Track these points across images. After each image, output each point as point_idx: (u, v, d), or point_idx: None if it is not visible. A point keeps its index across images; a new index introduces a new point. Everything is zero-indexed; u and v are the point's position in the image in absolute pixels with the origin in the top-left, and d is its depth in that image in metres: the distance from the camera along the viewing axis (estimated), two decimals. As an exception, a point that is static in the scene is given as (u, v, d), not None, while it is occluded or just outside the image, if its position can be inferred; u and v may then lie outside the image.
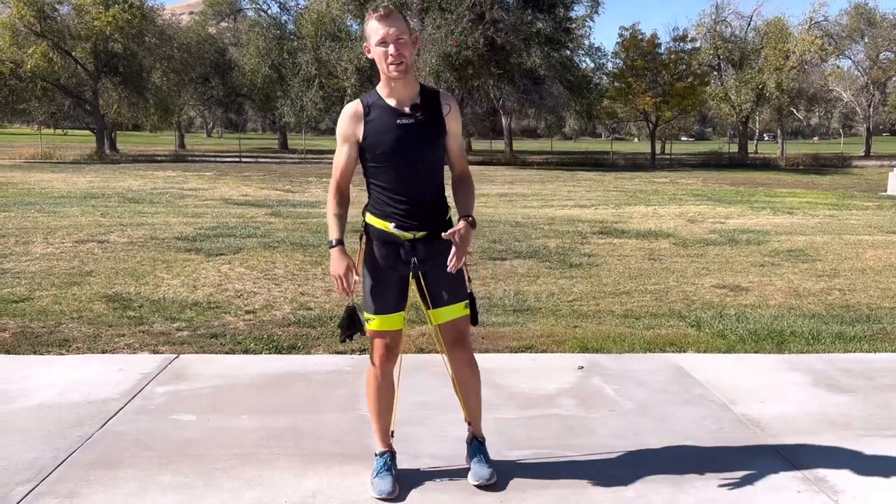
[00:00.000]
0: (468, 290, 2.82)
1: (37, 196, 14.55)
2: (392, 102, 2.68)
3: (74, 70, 33.97)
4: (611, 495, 2.81)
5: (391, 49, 2.57)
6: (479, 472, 2.86)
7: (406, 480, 2.90)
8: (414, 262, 2.71)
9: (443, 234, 2.65)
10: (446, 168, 2.84)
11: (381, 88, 2.71)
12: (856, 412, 3.68)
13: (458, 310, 2.79)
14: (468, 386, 2.91)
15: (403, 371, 4.19)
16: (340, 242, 2.73)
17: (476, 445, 2.96)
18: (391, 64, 2.58)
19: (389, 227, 2.70)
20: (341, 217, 2.77)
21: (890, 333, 5.28)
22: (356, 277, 2.72)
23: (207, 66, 43.16)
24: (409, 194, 2.69)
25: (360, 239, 2.80)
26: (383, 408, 2.90)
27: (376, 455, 2.91)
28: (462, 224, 2.64)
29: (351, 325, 2.79)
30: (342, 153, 2.78)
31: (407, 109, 2.66)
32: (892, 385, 4.08)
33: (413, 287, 2.78)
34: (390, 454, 2.91)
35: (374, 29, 2.60)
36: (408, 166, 2.68)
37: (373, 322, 2.79)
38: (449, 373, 2.96)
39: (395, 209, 2.70)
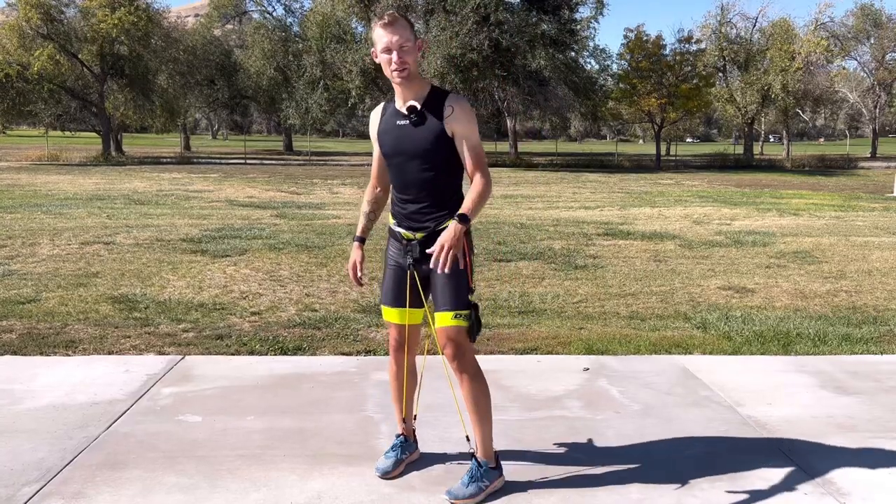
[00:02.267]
0: (465, 301, 2.68)
1: (43, 198, 14.61)
2: (398, 105, 2.78)
3: (81, 72, 34.11)
4: (617, 497, 2.80)
5: (394, 56, 2.64)
6: (454, 490, 2.75)
7: (410, 481, 2.90)
8: (410, 261, 2.79)
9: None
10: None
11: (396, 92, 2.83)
12: (863, 414, 3.67)
13: (446, 318, 2.67)
14: (465, 399, 2.78)
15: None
16: (360, 240, 2.98)
17: (473, 465, 2.80)
18: (394, 70, 2.66)
19: (392, 223, 2.87)
20: (367, 215, 3.01)
21: (897, 335, 5.25)
22: (361, 273, 2.95)
23: (213, 69, 43.30)
24: (408, 194, 2.77)
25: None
26: (395, 394, 3.06)
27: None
28: (450, 226, 2.55)
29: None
30: (374, 153, 3.00)
31: (404, 111, 2.74)
32: (899, 387, 4.06)
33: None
34: (403, 438, 3.05)
35: (379, 36, 2.66)
36: (402, 166, 2.77)
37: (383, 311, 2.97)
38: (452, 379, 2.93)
39: (399, 208, 2.83)
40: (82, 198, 14.73)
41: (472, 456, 2.85)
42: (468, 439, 2.92)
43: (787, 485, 2.92)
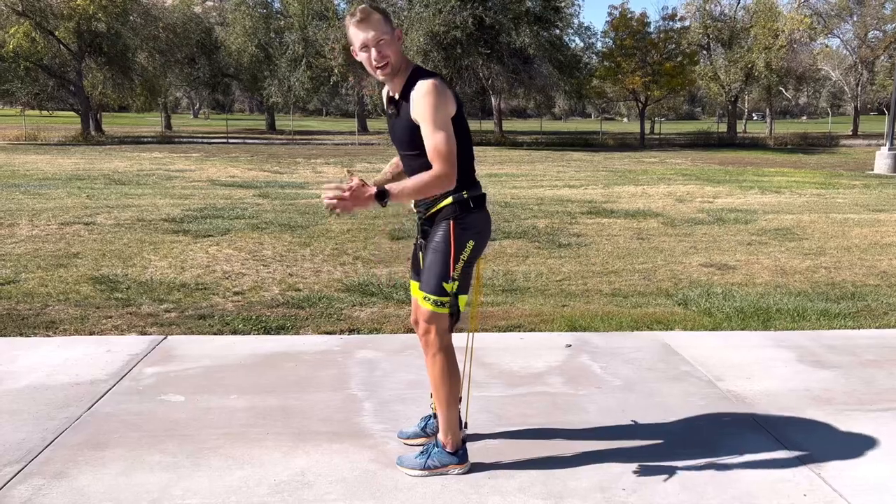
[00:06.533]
0: (438, 287, 2.67)
1: (21, 178, 14.40)
2: (389, 91, 2.75)
3: (58, 50, 33.43)
4: (598, 471, 2.84)
5: (373, 53, 2.57)
6: (404, 457, 2.85)
7: (392, 458, 2.91)
8: (418, 238, 2.84)
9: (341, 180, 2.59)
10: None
11: None
12: (839, 387, 3.73)
13: (420, 297, 2.74)
14: (430, 380, 2.80)
15: (394, 350, 4.21)
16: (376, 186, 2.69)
17: (431, 442, 2.85)
18: (376, 67, 2.59)
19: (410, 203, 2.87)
20: (393, 164, 2.95)
21: (874, 310, 5.34)
22: (352, 181, 2.54)
23: (193, 47, 42.56)
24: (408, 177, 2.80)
25: None
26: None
27: None
28: (364, 184, 2.44)
29: None
30: None
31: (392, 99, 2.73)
32: (875, 361, 4.14)
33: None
34: (431, 413, 3.05)
35: (355, 34, 2.59)
36: (399, 152, 2.82)
37: None
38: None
39: None
40: (62, 178, 14.53)
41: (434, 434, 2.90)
42: (434, 416, 3.01)
43: (764, 457, 2.97)
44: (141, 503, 2.58)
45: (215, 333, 4.58)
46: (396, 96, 2.68)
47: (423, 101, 2.54)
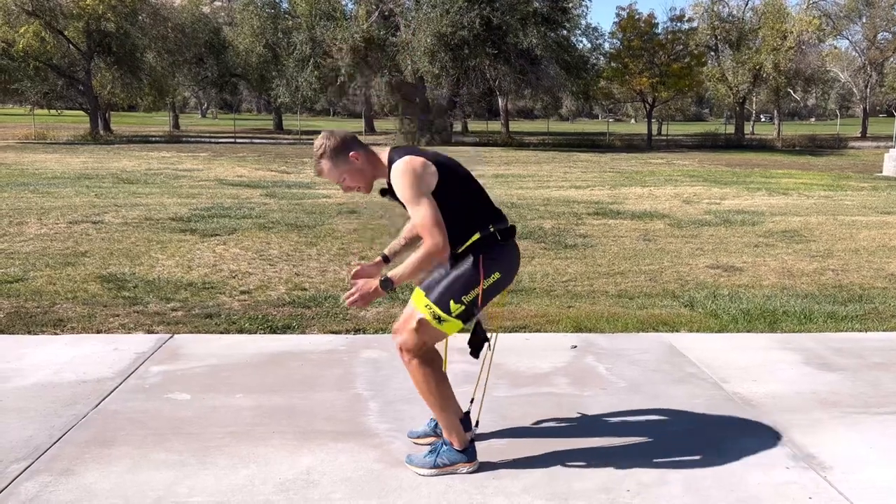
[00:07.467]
0: (444, 302, 2.68)
1: (30, 177, 14.48)
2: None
3: (67, 50, 33.59)
4: (602, 472, 2.84)
5: (342, 190, 2.82)
6: (413, 455, 2.87)
7: (399, 458, 2.92)
8: None
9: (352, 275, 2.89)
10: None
11: None
12: (846, 390, 3.72)
13: (420, 297, 2.73)
14: None
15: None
16: (383, 256, 3.08)
17: (440, 442, 2.86)
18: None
19: None
20: (407, 232, 3.05)
21: (882, 313, 5.32)
22: (356, 283, 2.76)
23: (201, 47, 42.71)
24: None
25: None
26: None
27: None
28: (371, 284, 2.63)
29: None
30: None
31: None
32: (882, 363, 4.12)
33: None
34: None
35: None
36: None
37: None
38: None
39: None
40: (70, 177, 14.61)
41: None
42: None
43: (770, 459, 2.96)
44: (147, 501, 2.59)
45: (222, 332, 4.59)
46: (385, 186, 2.78)
47: (398, 183, 2.63)
